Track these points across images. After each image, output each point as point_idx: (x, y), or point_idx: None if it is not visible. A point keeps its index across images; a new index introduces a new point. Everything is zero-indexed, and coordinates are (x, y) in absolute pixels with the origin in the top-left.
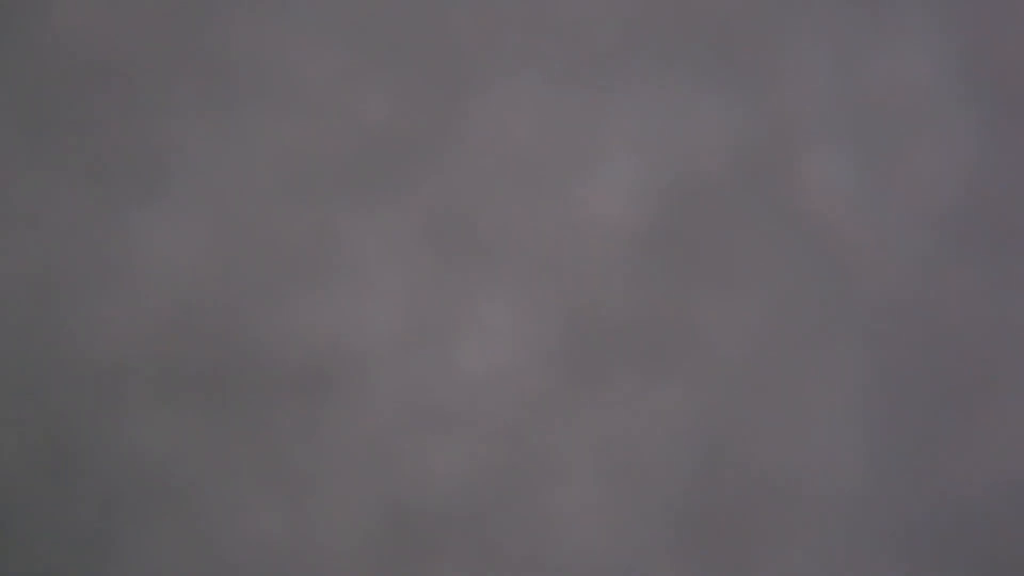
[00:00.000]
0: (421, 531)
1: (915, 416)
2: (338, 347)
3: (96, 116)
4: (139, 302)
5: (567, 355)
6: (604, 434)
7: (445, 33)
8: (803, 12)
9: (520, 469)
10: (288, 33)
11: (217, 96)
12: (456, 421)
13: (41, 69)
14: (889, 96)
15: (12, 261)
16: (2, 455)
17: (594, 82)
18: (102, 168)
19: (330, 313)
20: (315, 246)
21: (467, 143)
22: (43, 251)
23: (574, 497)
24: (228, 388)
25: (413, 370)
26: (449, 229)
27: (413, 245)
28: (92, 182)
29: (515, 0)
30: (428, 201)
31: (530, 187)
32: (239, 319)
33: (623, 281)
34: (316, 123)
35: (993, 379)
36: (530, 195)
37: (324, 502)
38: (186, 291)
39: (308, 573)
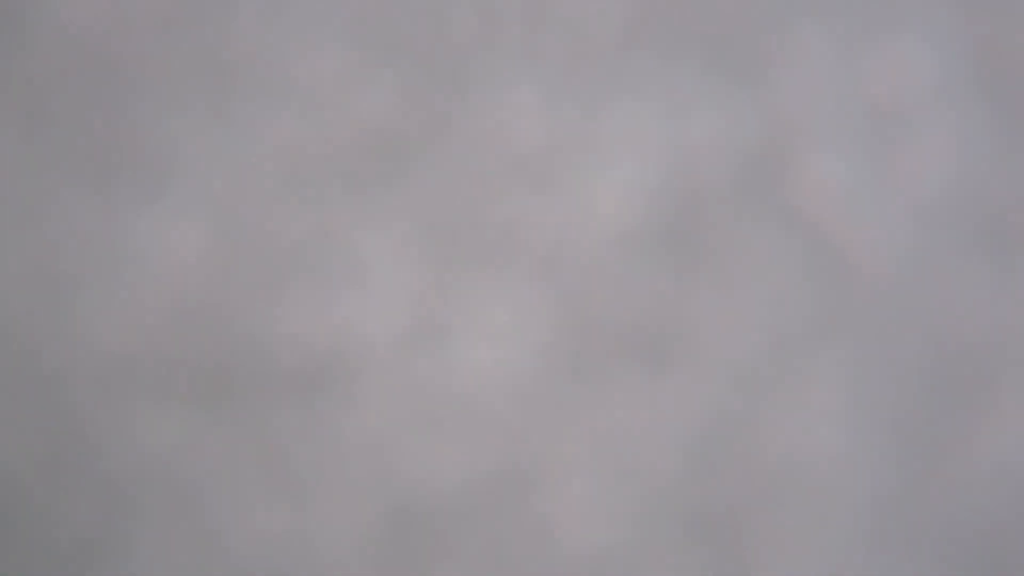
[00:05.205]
0: (422, 530)
1: (916, 415)
2: (339, 346)
3: (98, 116)
4: (139, 301)
5: (567, 354)
6: (605, 433)
7: (445, 32)
8: (804, 12)
9: (520, 468)
10: (289, 32)
11: (217, 95)
12: (457, 420)
13: (43, 69)
14: (890, 96)
15: (12, 261)
16: (2, 455)
17: (595, 83)
18: (102, 168)
19: (331, 312)
20: (315, 245)
21: (468, 144)
22: (43, 251)
23: (574, 496)
24: (228, 387)
25: (414, 369)
26: (449, 229)
27: (413, 244)
28: (92, 182)
29: (516, 2)
30: (428, 201)
31: (531, 187)
32: (239, 318)
33: (624, 281)
34: (316, 122)
35: (995, 378)
36: (531, 195)
37: (325, 500)
38: (186, 290)
39: (309, 571)
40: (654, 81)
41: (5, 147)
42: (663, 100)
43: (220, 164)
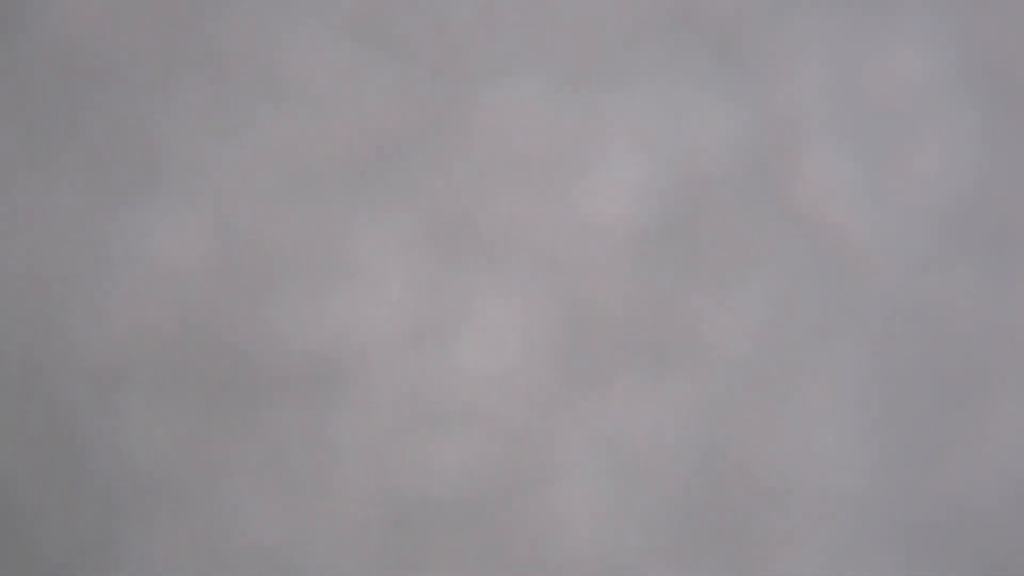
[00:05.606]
0: (423, 530)
1: (916, 415)
2: (339, 346)
3: (96, 116)
4: (139, 302)
5: (568, 354)
6: (605, 433)
7: (446, 33)
8: (803, 12)
9: (521, 468)
10: (289, 32)
11: (217, 96)
12: (457, 420)
13: (41, 69)
14: (889, 96)
15: (12, 261)
16: (2, 455)
17: (595, 82)
18: (102, 168)
19: (331, 312)
20: (316, 246)
21: (468, 143)
22: (43, 251)
23: (575, 496)
24: (228, 387)
25: (415, 369)
26: (450, 228)
27: (415, 244)
28: (92, 182)
29: (517, 0)
30: (430, 200)
31: (531, 186)
32: (240, 318)
33: (624, 280)
34: (317, 122)
35: (995, 379)
36: (531, 194)
37: (325, 501)
38: (186, 290)
39: (309, 572)
40: (655, 81)
41: (5, 147)
42: (664, 100)
43: (219, 164)
